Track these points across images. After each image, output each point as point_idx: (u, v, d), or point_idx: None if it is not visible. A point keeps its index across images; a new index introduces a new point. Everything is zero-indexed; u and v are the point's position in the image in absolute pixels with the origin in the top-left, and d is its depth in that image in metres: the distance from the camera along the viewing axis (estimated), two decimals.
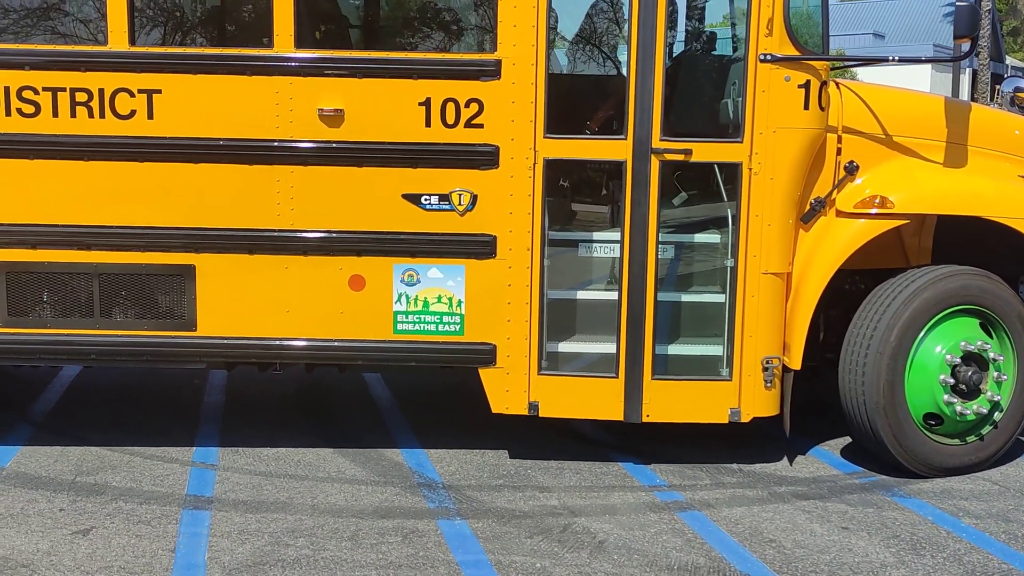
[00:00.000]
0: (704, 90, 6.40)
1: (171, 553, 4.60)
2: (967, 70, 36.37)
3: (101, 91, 5.31)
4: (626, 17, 5.46)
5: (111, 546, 4.66)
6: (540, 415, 5.59)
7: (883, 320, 5.51)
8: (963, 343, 5.55)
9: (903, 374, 5.52)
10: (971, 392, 5.57)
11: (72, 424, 6.41)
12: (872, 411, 5.52)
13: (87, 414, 6.64)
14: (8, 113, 5.32)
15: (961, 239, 6.02)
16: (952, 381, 5.54)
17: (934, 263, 5.96)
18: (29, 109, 5.33)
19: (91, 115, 5.33)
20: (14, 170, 5.37)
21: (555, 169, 5.56)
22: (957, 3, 5.32)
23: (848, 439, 6.14)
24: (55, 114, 5.33)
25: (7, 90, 5.31)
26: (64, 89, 5.32)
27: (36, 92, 5.32)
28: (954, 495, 5.47)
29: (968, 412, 5.55)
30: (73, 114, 5.33)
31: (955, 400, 5.54)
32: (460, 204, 5.43)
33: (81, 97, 5.31)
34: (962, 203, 5.75)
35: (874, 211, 5.58)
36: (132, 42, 5.31)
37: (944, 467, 5.68)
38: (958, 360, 5.55)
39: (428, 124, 5.37)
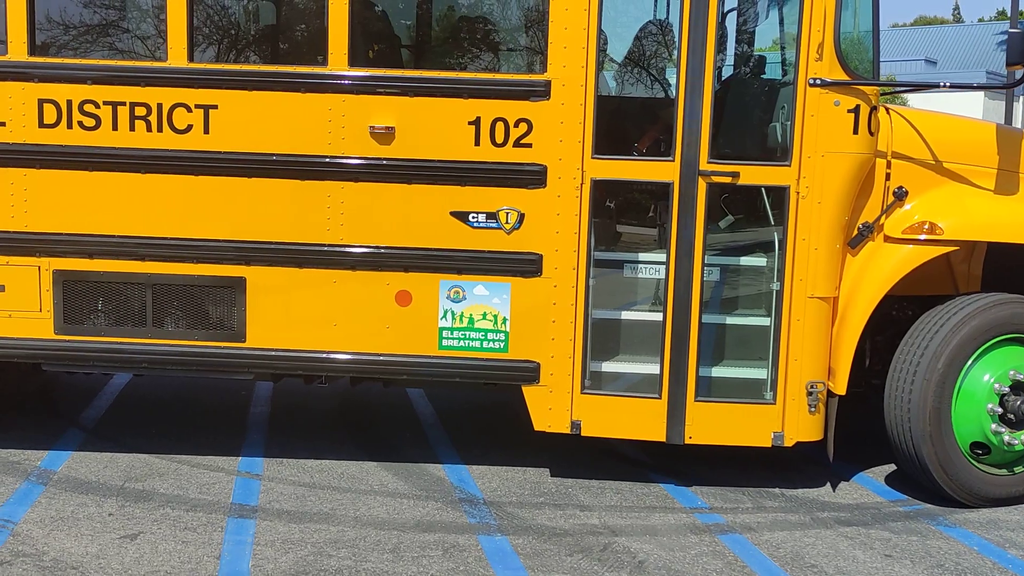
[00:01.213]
0: (752, 113, 6.41)
1: (216, 560, 4.67)
2: (1021, 97, 35.92)
3: (159, 106, 5.44)
4: (675, 40, 5.49)
5: (158, 551, 4.74)
6: (582, 434, 5.60)
7: (931, 347, 5.47)
8: (1012, 372, 5.50)
9: (950, 402, 5.47)
10: (1019, 422, 5.50)
11: (122, 431, 6.52)
12: (918, 439, 5.47)
13: (137, 422, 6.75)
14: (70, 126, 5.47)
15: (1012, 267, 5.96)
16: (1000, 410, 5.48)
17: (984, 291, 5.91)
18: (90, 122, 5.46)
19: (149, 129, 5.46)
20: (73, 181, 5.51)
21: (602, 189, 5.60)
22: (1009, 30, 5.30)
23: (893, 466, 6.08)
24: (114, 127, 5.46)
25: (69, 103, 5.45)
26: (124, 103, 5.45)
27: (97, 106, 5.45)
28: (1000, 525, 5.41)
29: (1016, 442, 5.49)
30: (132, 128, 5.46)
31: (1003, 430, 5.48)
32: (507, 222, 5.48)
33: (140, 111, 5.44)
34: (1013, 231, 5.69)
35: (923, 237, 5.55)
36: (190, 59, 5.43)
37: (990, 497, 5.62)
38: (1007, 389, 5.49)
39: (477, 143, 5.43)
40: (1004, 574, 4.80)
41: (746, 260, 5.87)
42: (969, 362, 5.50)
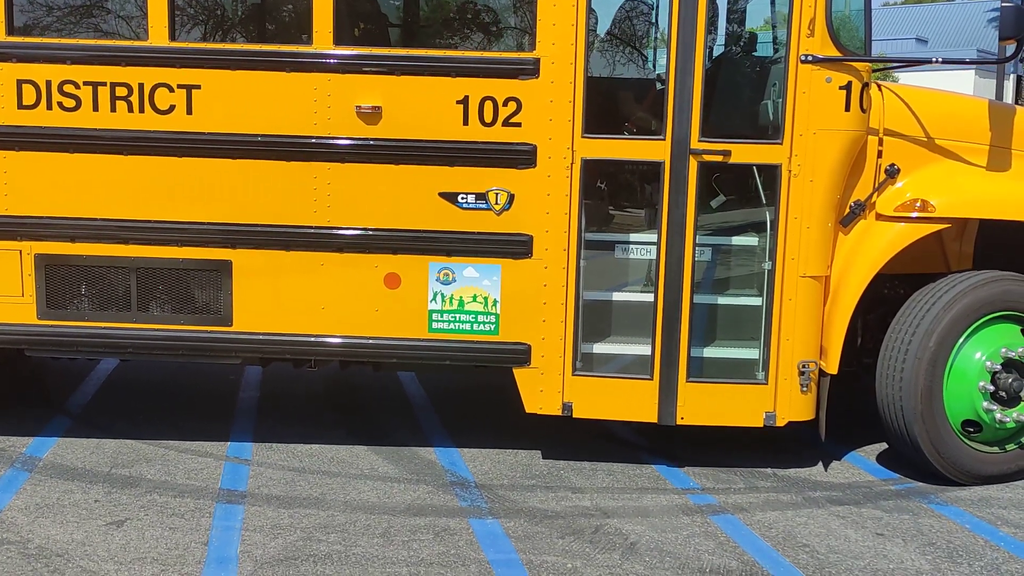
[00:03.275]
0: (744, 91, 6.35)
1: (204, 546, 4.62)
2: (1011, 75, 35.86)
3: (141, 86, 5.36)
4: (666, 18, 5.42)
5: (145, 538, 4.69)
6: (574, 416, 5.57)
7: (922, 325, 5.44)
8: (1004, 349, 5.47)
9: (942, 380, 5.44)
10: (1011, 399, 5.48)
11: (108, 417, 6.47)
12: (909, 417, 5.45)
13: (123, 407, 6.69)
14: (49, 107, 5.38)
15: (1004, 244, 5.93)
16: (992, 388, 5.46)
17: (975, 268, 5.88)
18: (70, 103, 5.38)
19: (131, 110, 5.38)
20: (54, 163, 5.43)
21: (593, 169, 5.54)
22: (1003, 3, 5.22)
23: (884, 445, 6.07)
24: (95, 108, 5.38)
25: (48, 84, 5.37)
26: (104, 84, 5.36)
27: (77, 86, 5.37)
28: (992, 503, 5.39)
29: (1008, 420, 5.47)
30: (113, 108, 5.38)
31: (994, 407, 5.46)
32: (497, 203, 5.42)
33: (121, 92, 5.36)
34: (1005, 207, 5.66)
35: (915, 215, 5.51)
36: (172, 37, 5.34)
37: (982, 475, 5.60)
38: (998, 367, 5.47)
39: (466, 122, 5.36)
40: (996, 552, 4.79)
41: (738, 240, 5.83)
42: (961, 340, 5.47)
